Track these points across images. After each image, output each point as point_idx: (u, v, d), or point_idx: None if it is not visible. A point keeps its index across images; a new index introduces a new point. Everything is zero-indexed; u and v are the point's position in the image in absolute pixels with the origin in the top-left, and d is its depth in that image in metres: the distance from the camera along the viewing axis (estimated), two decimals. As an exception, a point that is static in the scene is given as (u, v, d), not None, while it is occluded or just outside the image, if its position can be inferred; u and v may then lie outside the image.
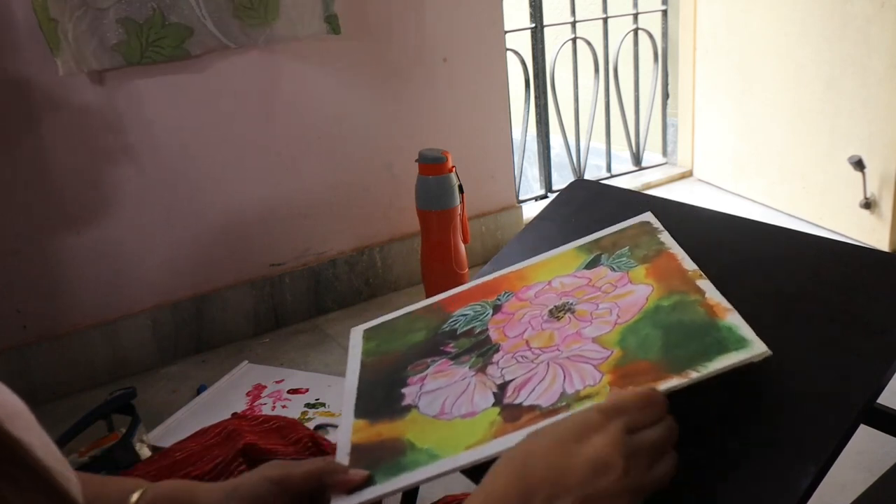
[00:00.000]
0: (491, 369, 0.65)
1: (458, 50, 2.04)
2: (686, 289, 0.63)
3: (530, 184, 2.85)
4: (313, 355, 1.81)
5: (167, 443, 1.37)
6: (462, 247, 1.85)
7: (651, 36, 2.71)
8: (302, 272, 1.96)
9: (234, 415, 1.23)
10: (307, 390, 1.61)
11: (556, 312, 0.68)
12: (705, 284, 0.62)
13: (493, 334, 0.69)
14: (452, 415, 0.62)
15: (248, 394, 1.62)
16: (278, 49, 1.77)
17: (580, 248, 0.76)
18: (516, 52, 2.40)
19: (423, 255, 1.87)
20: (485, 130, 2.15)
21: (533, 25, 2.44)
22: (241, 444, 0.71)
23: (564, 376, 0.60)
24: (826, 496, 0.73)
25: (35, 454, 0.32)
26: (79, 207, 1.66)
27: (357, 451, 0.62)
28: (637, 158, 2.82)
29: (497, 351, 0.67)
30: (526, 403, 0.59)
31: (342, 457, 0.61)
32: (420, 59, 1.99)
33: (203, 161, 1.77)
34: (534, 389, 0.60)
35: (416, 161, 1.81)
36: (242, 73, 1.76)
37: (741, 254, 0.69)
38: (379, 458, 0.61)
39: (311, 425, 1.44)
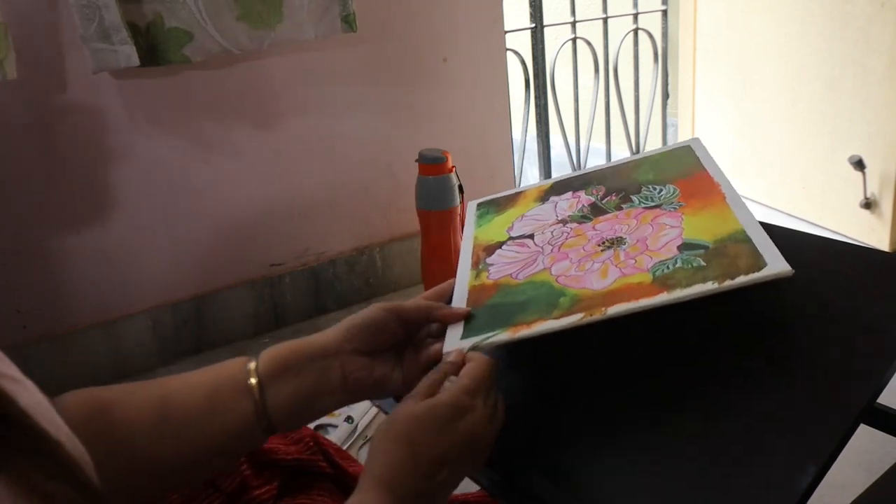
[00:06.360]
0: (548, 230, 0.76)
1: (458, 50, 2.03)
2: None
3: (530, 184, 2.84)
4: (313, 355, 1.80)
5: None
6: (462, 247, 1.85)
7: (651, 36, 2.71)
8: (302, 272, 1.96)
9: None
10: (307, 390, 1.60)
11: (606, 243, 0.68)
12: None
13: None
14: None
15: (248, 394, 1.61)
16: (280, 51, 1.77)
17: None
18: (516, 52, 2.39)
19: (423, 255, 1.87)
20: (485, 130, 2.15)
21: (533, 25, 2.43)
22: (242, 443, 0.71)
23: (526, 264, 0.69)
24: (826, 496, 0.73)
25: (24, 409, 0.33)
26: (79, 207, 1.66)
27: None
28: (637, 158, 2.81)
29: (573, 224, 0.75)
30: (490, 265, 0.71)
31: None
32: (420, 59, 1.98)
33: (203, 161, 1.77)
34: (503, 265, 0.70)
35: (416, 161, 1.81)
36: (243, 76, 1.76)
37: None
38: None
39: (310, 425, 1.43)
